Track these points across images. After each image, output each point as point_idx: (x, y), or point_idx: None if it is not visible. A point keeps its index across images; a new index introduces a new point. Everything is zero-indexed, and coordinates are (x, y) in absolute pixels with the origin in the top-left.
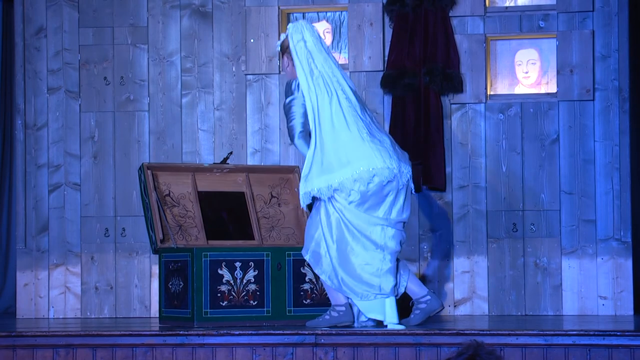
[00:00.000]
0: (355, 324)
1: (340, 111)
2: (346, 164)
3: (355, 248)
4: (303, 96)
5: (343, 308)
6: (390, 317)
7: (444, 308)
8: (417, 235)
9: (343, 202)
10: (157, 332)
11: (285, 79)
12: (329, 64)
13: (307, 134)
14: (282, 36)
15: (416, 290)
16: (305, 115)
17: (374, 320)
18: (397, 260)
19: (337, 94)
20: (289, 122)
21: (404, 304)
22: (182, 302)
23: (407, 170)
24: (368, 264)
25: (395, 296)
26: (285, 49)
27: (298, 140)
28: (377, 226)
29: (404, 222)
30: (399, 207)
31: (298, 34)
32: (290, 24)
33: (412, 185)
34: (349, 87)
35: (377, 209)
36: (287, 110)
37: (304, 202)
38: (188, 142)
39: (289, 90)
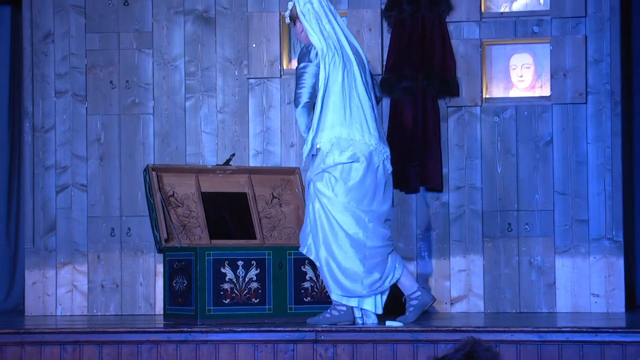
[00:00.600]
0: (361, 320)
1: (341, 76)
2: (331, 127)
3: (340, 243)
4: (317, 66)
5: (344, 308)
6: (376, 307)
7: (435, 300)
8: (415, 235)
9: (328, 194)
10: (162, 329)
11: (285, 85)
12: (334, 26)
13: (311, 106)
14: (290, 4)
15: (407, 285)
16: (314, 86)
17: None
18: (392, 254)
19: (343, 58)
20: (297, 89)
21: (398, 300)
22: (186, 300)
23: (384, 150)
24: (350, 258)
25: (383, 292)
26: (295, 17)
27: (301, 109)
28: (360, 220)
29: (388, 219)
30: (380, 199)
31: None
32: None
33: (389, 167)
34: (352, 51)
35: (359, 201)
36: (298, 75)
37: (304, 160)
38: (192, 144)
39: (305, 55)
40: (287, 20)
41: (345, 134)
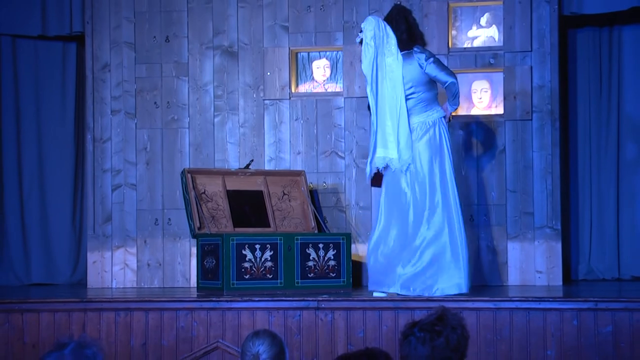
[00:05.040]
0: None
1: (384, 97)
2: (376, 145)
3: None
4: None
5: None
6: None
7: None
8: None
9: None
10: (195, 299)
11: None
12: (377, 51)
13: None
14: (360, 34)
15: None
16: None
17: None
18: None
19: (387, 79)
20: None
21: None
22: (214, 276)
23: (407, 157)
24: None
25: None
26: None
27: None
28: None
29: None
30: None
31: (370, 29)
32: (368, 19)
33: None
34: (390, 69)
35: None
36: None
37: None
38: (219, 152)
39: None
40: (357, 40)
41: (382, 153)
